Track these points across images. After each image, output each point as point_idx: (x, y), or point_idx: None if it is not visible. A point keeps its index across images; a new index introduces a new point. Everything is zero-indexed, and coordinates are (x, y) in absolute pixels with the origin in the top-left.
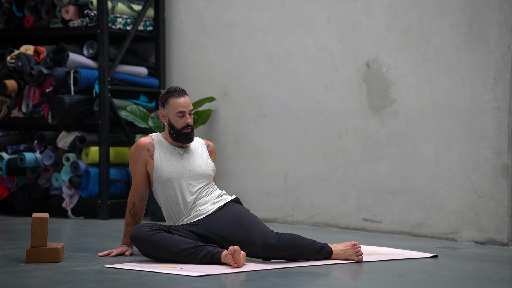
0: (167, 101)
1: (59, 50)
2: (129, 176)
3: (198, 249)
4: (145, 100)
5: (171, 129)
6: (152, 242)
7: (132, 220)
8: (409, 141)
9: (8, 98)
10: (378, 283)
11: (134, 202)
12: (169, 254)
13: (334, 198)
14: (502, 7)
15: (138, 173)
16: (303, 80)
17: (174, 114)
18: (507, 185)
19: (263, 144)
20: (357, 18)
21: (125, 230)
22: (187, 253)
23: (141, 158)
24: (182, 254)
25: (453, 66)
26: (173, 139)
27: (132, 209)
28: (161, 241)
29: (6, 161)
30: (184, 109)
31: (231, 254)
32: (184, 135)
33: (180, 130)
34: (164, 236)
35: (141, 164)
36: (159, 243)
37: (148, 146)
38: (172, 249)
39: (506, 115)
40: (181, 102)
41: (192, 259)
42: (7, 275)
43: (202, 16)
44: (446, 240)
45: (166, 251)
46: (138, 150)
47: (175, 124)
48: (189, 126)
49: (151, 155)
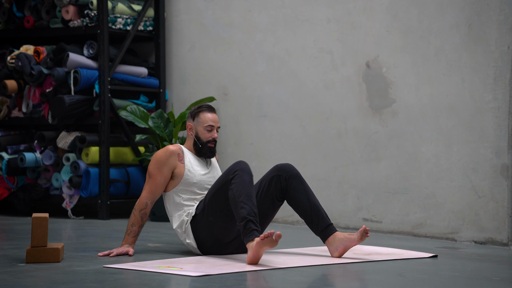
0: (198, 115)
1: (59, 50)
2: (129, 176)
3: (250, 218)
4: (145, 100)
5: (198, 141)
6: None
7: (140, 220)
8: (409, 141)
9: (8, 98)
10: (378, 283)
11: (147, 203)
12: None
13: (334, 198)
14: (502, 7)
15: (161, 176)
16: (303, 80)
17: (202, 127)
18: (507, 185)
19: (263, 144)
20: (357, 18)
21: (130, 230)
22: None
23: (169, 162)
24: (238, 206)
25: (453, 66)
26: (196, 151)
27: (144, 209)
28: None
29: (6, 161)
30: (213, 123)
31: (263, 238)
32: (209, 149)
33: (206, 143)
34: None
35: (167, 169)
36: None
37: (178, 151)
38: (238, 196)
39: (506, 115)
40: (211, 117)
41: (238, 215)
42: (7, 275)
43: (202, 16)
44: (446, 240)
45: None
46: (167, 154)
47: (201, 136)
48: (214, 141)
49: (180, 159)
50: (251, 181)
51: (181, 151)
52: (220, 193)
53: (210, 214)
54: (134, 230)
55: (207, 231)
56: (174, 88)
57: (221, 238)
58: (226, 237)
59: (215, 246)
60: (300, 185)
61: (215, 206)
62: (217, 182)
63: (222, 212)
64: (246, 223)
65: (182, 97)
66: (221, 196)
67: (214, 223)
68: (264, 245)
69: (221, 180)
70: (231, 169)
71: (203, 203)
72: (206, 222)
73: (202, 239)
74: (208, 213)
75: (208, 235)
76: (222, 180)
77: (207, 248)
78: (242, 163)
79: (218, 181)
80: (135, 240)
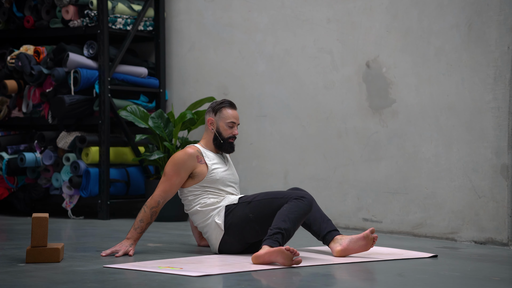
0: (221, 110)
1: (59, 50)
2: (129, 176)
3: (284, 233)
4: (145, 100)
5: (219, 136)
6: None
7: (149, 217)
8: (409, 141)
9: (8, 98)
10: (378, 283)
11: (159, 201)
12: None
13: (334, 198)
14: (502, 7)
15: (177, 178)
16: (303, 80)
17: (225, 123)
18: (507, 185)
19: (263, 144)
20: (357, 18)
21: (137, 225)
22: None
23: (188, 165)
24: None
25: (453, 66)
26: (216, 146)
27: (155, 207)
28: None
29: (6, 161)
30: (235, 120)
31: (287, 249)
32: (229, 144)
33: (227, 139)
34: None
35: (184, 171)
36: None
37: (196, 153)
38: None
39: (506, 115)
40: (233, 113)
41: (276, 224)
42: (7, 275)
43: (202, 16)
44: (446, 240)
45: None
46: (185, 158)
47: (223, 132)
48: (235, 137)
49: (200, 160)
50: (306, 215)
51: (199, 152)
52: (274, 202)
53: (252, 210)
54: (141, 226)
55: (239, 221)
56: (174, 88)
57: (246, 236)
58: (251, 238)
59: (237, 238)
60: (317, 210)
61: (261, 208)
62: (276, 192)
63: (264, 218)
64: (278, 233)
65: (182, 97)
66: (272, 205)
67: (250, 221)
68: (280, 256)
69: (282, 193)
70: (300, 193)
71: (251, 197)
72: (244, 214)
73: (231, 225)
74: (251, 209)
75: (238, 225)
76: (283, 194)
77: (230, 236)
78: (312, 198)
79: (278, 192)
80: (140, 236)
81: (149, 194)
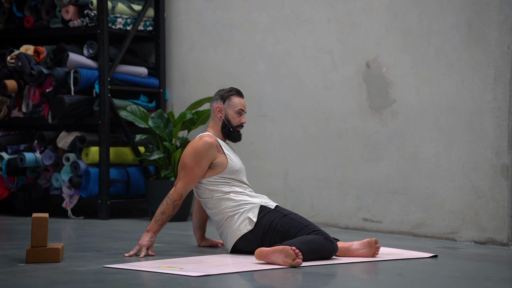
0: (230, 98)
1: (59, 50)
2: (129, 176)
3: (300, 248)
4: (145, 100)
5: (228, 123)
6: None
7: (171, 210)
8: (409, 141)
9: (8, 98)
10: (378, 283)
11: (182, 194)
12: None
13: (334, 198)
14: (502, 7)
15: (199, 169)
16: (303, 80)
17: (233, 111)
18: (507, 185)
19: (263, 144)
20: (357, 18)
21: (158, 217)
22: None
23: (209, 154)
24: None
25: (453, 66)
26: (224, 134)
27: (177, 200)
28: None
29: (6, 161)
30: (244, 108)
31: (294, 249)
32: (237, 133)
33: (235, 127)
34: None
35: (206, 161)
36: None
37: (216, 142)
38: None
39: (506, 115)
40: (242, 101)
41: (296, 241)
42: (7, 275)
43: (202, 16)
44: (446, 240)
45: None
46: (206, 147)
47: (232, 120)
48: (242, 125)
49: (219, 150)
50: (324, 256)
51: (217, 141)
52: (305, 230)
53: (283, 224)
54: (162, 219)
55: (268, 226)
56: (174, 88)
57: (264, 241)
58: (267, 245)
59: (255, 239)
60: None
61: (291, 227)
62: (312, 224)
63: (288, 235)
64: (296, 244)
65: (182, 97)
66: (302, 230)
67: (276, 231)
68: (284, 254)
69: (317, 227)
70: (331, 239)
71: (287, 212)
72: (275, 222)
73: (259, 225)
74: (283, 222)
75: (264, 228)
76: (317, 228)
77: (254, 234)
78: (336, 250)
79: (314, 224)
80: (160, 228)
81: (149, 194)
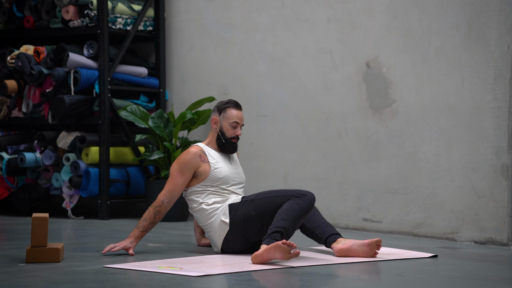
0: (225, 110)
1: (59, 50)
2: (129, 176)
3: (283, 232)
4: (145, 100)
5: (221, 135)
6: None
7: (153, 217)
8: (409, 141)
9: (8, 98)
10: (378, 283)
11: (163, 200)
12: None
13: (334, 198)
14: (502, 7)
15: (181, 177)
16: (303, 80)
17: (228, 123)
18: (507, 185)
19: (263, 144)
20: (357, 18)
21: (140, 224)
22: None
23: (192, 164)
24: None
25: (453, 66)
26: (219, 146)
27: (158, 206)
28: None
29: (6, 161)
30: (239, 121)
31: (284, 243)
32: (232, 144)
33: (229, 139)
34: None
35: (188, 170)
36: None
37: (199, 153)
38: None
39: (506, 115)
40: (237, 114)
41: (276, 223)
42: (7, 275)
43: (202, 16)
44: (446, 240)
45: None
46: (190, 156)
47: (226, 132)
48: (237, 137)
49: (203, 160)
50: (307, 213)
51: (202, 152)
52: (276, 200)
53: (254, 209)
54: (144, 225)
55: (242, 218)
56: (174, 88)
57: (248, 234)
58: (253, 236)
59: (239, 236)
60: (315, 213)
61: (263, 206)
62: (278, 190)
63: (265, 215)
64: (277, 232)
65: (182, 97)
66: (273, 203)
67: (252, 218)
68: (278, 251)
69: (284, 191)
70: (301, 191)
71: (254, 196)
72: (246, 211)
73: (234, 222)
74: (254, 207)
75: (241, 223)
76: (284, 192)
77: (233, 234)
78: (313, 196)
79: (280, 191)
80: (142, 235)
81: (149, 194)
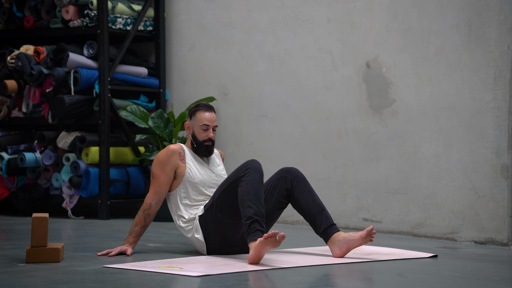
0: (195, 114)
1: (59, 50)
2: (129, 176)
3: (255, 218)
4: (145, 100)
5: (194, 140)
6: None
7: (143, 220)
8: (409, 141)
9: (8, 98)
10: (378, 283)
11: (151, 203)
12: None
13: (334, 198)
14: (502, 7)
15: (164, 176)
16: (303, 80)
17: (198, 127)
18: (507, 185)
19: (263, 144)
20: (357, 18)
21: (132, 230)
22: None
23: (171, 161)
24: (245, 205)
25: (453, 66)
26: (194, 150)
27: (147, 209)
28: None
29: (6, 161)
30: (209, 123)
31: (266, 237)
32: (205, 148)
33: (202, 143)
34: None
35: (169, 168)
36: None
37: (179, 150)
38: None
39: (506, 115)
40: (207, 116)
41: (245, 214)
42: (7, 275)
43: (202, 16)
44: (446, 240)
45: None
46: (169, 154)
47: (198, 136)
48: (210, 140)
49: (182, 159)
50: (261, 180)
51: (182, 150)
52: (230, 190)
53: (218, 210)
54: (136, 230)
55: (214, 227)
56: (174, 88)
57: (227, 235)
58: (233, 234)
59: (222, 243)
60: (305, 187)
61: (223, 202)
62: (227, 178)
63: (231, 209)
64: (252, 222)
65: (182, 97)
66: (230, 193)
67: (222, 220)
68: (266, 245)
69: (232, 176)
70: (243, 167)
71: (212, 199)
72: (214, 218)
73: (210, 234)
74: (217, 209)
75: (216, 231)
76: (233, 177)
77: (214, 245)
78: (254, 161)
79: (228, 178)
80: (136, 240)
81: None
